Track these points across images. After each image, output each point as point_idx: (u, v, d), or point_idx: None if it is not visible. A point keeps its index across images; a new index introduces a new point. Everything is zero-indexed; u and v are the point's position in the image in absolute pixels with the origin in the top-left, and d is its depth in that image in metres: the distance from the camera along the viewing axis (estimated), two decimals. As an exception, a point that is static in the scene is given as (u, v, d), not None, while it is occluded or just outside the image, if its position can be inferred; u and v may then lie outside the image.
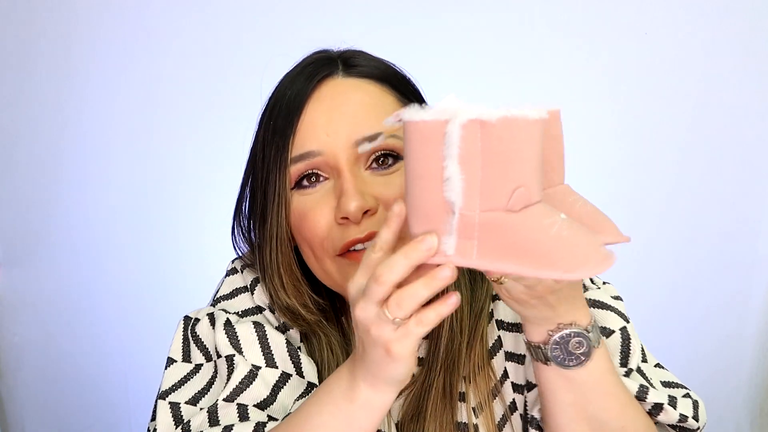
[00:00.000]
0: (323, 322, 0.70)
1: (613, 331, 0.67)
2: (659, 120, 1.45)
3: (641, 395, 0.62)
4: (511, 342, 0.69)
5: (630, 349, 0.67)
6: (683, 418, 0.62)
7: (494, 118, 0.42)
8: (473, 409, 0.67)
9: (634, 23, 1.42)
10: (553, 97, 1.42)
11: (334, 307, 0.72)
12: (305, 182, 0.62)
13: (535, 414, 0.65)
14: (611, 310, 0.68)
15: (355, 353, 0.52)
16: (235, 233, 0.73)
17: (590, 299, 0.69)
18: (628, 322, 0.68)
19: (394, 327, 0.46)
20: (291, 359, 0.67)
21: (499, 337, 0.70)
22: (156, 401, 0.67)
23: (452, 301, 0.47)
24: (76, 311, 1.67)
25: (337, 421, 0.53)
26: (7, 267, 1.66)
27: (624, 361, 0.67)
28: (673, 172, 1.46)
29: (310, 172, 0.62)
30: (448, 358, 0.67)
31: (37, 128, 1.57)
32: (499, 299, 0.70)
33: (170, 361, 0.70)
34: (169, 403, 0.66)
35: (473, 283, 0.70)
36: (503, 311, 0.70)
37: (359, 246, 0.61)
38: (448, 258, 0.46)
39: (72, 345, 1.69)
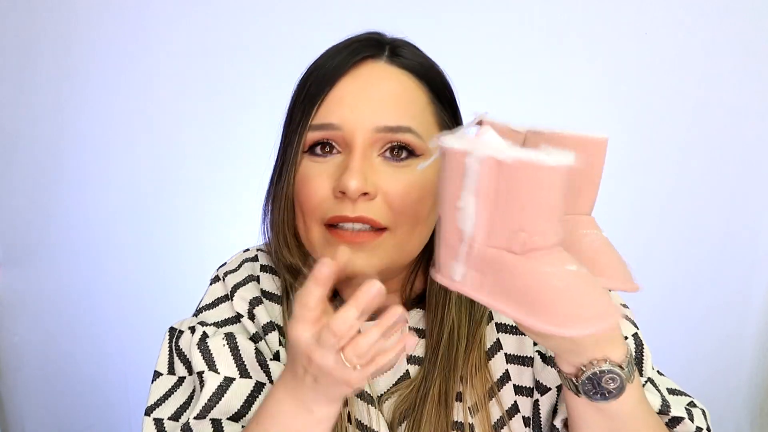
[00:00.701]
0: None
1: (626, 337, 0.66)
2: (659, 120, 1.45)
3: (665, 410, 0.63)
4: (513, 344, 0.69)
5: (643, 356, 0.67)
6: (699, 430, 0.64)
7: (510, 158, 0.42)
8: (469, 408, 0.67)
9: (634, 23, 1.42)
10: (553, 97, 1.42)
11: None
12: (318, 150, 0.63)
13: (558, 425, 0.65)
14: (623, 317, 0.68)
15: (295, 380, 0.53)
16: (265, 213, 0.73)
17: None
18: (637, 328, 0.68)
19: (354, 370, 0.49)
20: (262, 368, 0.67)
21: (498, 339, 0.69)
22: (143, 417, 0.68)
23: (410, 344, 0.49)
24: (76, 311, 1.67)
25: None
26: (7, 267, 1.66)
27: (639, 368, 0.66)
28: (673, 172, 1.46)
29: (324, 141, 0.63)
30: (447, 364, 0.67)
31: (37, 128, 1.57)
32: (501, 332, 0.70)
33: (156, 375, 0.71)
34: (154, 419, 0.67)
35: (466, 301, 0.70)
36: (506, 343, 0.69)
37: (347, 225, 0.61)
38: (453, 283, 0.47)
39: (72, 345, 1.69)
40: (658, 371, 0.71)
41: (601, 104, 1.44)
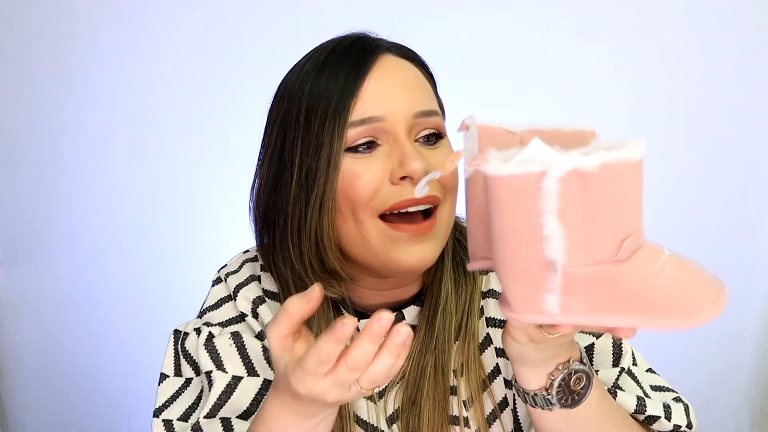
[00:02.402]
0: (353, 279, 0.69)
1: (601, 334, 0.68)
2: (659, 120, 1.45)
3: (640, 409, 0.64)
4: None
5: (622, 350, 0.69)
6: (677, 427, 0.65)
7: (595, 166, 0.38)
8: (464, 402, 0.68)
9: (634, 23, 1.42)
10: (553, 97, 1.42)
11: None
12: (361, 148, 0.62)
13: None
14: None
15: (295, 401, 0.51)
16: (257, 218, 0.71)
17: None
18: None
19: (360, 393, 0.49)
20: (269, 366, 0.68)
21: (488, 334, 0.70)
22: (152, 419, 0.69)
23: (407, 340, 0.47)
24: (76, 311, 1.67)
25: None
26: (7, 267, 1.66)
27: (616, 361, 0.68)
28: (673, 172, 1.46)
29: (367, 138, 0.62)
30: (442, 334, 0.68)
31: (37, 128, 1.57)
32: (490, 296, 0.71)
33: (163, 377, 0.71)
34: (163, 420, 0.68)
35: (456, 279, 0.71)
36: (493, 309, 0.71)
37: (412, 208, 0.61)
38: (553, 317, 0.43)
39: (72, 345, 1.69)
40: (649, 369, 0.72)
41: (601, 104, 1.44)
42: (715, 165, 1.46)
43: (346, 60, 0.64)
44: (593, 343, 0.69)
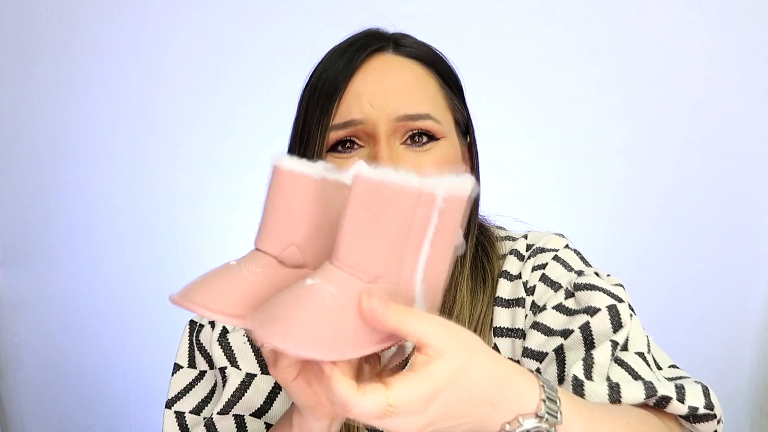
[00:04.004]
0: None
1: (599, 309, 0.61)
2: (659, 120, 1.44)
3: (650, 392, 0.55)
4: (508, 348, 0.68)
5: (621, 323, 0.60)
6: (692, 409, 0.57)
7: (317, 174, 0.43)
8: None
9: (634, 23, 1.42)
10: (553, 98, 1.42)
11: None
12: (340, 147, 0.63)
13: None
14: (599, 290, 0.63)
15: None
16: None
17: (578, 283, 0.64)
18: (620, 302, 0.62)
19: None
20: None
21: (495, 344, 0.68)
22: (164, 409, 0.69)
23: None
24: (76, 311, 1.67)
25: None
26: (7, 267, 1.66)
27: (615, 329, 0.60)
28: (673, 172, 1.46)
29: (346, 138, 0.63)
30: None
31: (37, 129, 1.57)
32: (497, 306, 0.67)
33: (176, 368, 0.71)
34: (175, 412, 0.68)
35: (474, 285, 0.69)
36: (498, 317, 0.67)
37: None
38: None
39: (72, 345, 1.69)
40: (673, 366, 0.66)
41: (601, 104, 1.44)
42: (715, 165, 1.46)
43: (342, 59, 0.64)
44: (588, 322, 0.61)
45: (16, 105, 1.56)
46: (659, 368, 0.64)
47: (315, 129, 0.63)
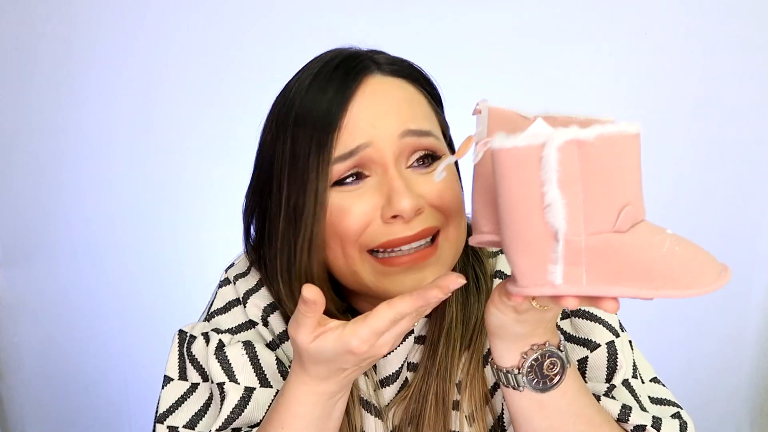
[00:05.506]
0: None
1: (599, 345, 0.66)
2: (659, 120, 1.45)
3: (623, 417, 0.61)
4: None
5: (617, 365, 0.65)
6: None
7: (592, 137, 0.40)
8: (466, 417, 0.67)
9: (634, 23, 1.42)
10: (552, 98, 1.42)
11: (351, 309, 0.69)
12: (348, 180, 0.59)
13: None
14: (599, 323, 0.67)
15: (319, 378, 0.57)
16: (249, 236, 0.72)
17: (579, 310, 0.67)
18: (617, 336, 0.67)
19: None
20: (282, 377, 0.67)
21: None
22: (154, 424, 0.67)
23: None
24: (76, 311, 1.67)
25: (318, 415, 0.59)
26: (7, 267, 1.66)
27: (609, 376, 0.65)
28: (673, 172, 1.46)
29: (353, 171, 0.59)
30: (443, 365, 0.67)
31: (37, 128, 1.57)
32: (498, 277, 0.70)
33: (167, 380, 0.69)
34: (168, 427, 0.66)
35: (467, 290, 0.69)
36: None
37: (405, 247, 0.59)
38: (557, 288, 0.44)
39: (72, 345, 1.69)
40: (654, 379, 0.70)
41: (601, 104, 1.44)
42: (714, 164, 1.47)
43: (330, 86, 0.60)
44: (587, 357, 0.66)
45: (16, 105, 1.56)
46: (635, 376, 0.68)
47: (313, 164, 0.59)
